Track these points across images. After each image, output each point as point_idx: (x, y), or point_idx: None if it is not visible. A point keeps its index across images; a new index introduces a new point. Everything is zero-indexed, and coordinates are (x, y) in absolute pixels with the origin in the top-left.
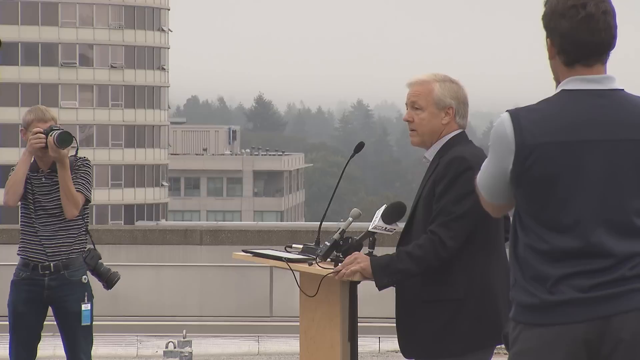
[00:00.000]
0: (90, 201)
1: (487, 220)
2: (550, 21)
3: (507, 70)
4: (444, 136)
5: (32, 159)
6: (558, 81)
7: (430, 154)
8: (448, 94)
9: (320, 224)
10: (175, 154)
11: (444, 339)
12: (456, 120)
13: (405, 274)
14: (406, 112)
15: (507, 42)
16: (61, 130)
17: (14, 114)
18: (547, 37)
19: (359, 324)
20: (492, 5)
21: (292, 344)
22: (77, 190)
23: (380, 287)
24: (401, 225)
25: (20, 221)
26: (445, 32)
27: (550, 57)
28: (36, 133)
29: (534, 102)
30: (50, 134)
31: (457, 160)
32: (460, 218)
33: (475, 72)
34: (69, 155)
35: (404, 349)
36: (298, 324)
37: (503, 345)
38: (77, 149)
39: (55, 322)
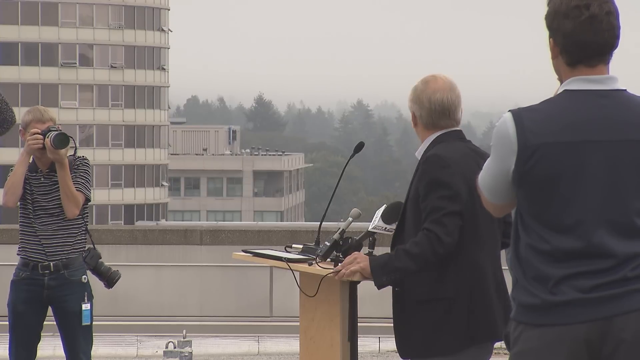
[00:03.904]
0: (90, 200)
1: (475, 217)
2: (553, 21)
3: (507, 70)
4: (428, 137)
5: (31, 159)
6: (561, 81)
7: (419, 154)
8: (410, 98)
9: (320, 224)
10: (175, 154)
11: (437, 337)
12: (423, 123)
13: (403, 272)
14: None
15: (508, 42)
16: (58, 132)
17: None
18: (550, 37)
19: (359, 324)
20: (493, 5)
21: (292, 344)
22: (77, 190)
23: (379, 285)
24: None
25: (20, 221)
26: (445, 32)
27: (553, 57)
28: (34, 134)
29: (534, 102)
30: (47, 135)
31: (432, 158)
32: (452, 213)
33: (475, 72)
34: (67, 155)
35: (400, 349)
36: (298, 324)
37: (504, 346)
38: (76, 149)
39: (55, 322)
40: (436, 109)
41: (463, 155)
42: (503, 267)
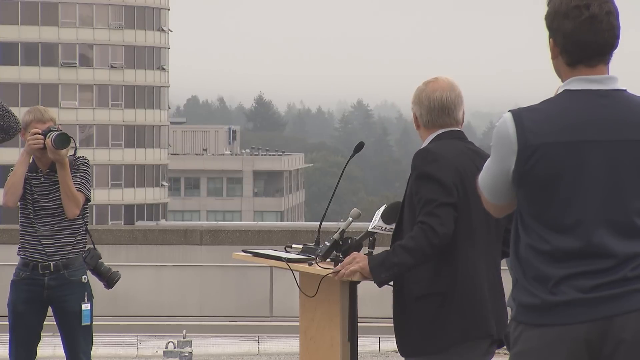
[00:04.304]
0: (90, 200)
1: (469, 213)
2: (553, 21)
3: (507, 70)
4: (427, 137)
5: (31, 159)
6: (562, 81)
7: None
8: (412, 100)
9: (320, 224)
10: (175, 154)
11: (431, 334)
12: (423, 122)
13: (401, 267)
14: None
15: (508, 42)
16: (59, 132)
17: None
18: (550, 37)
19: (359, 324)
20: (494, 5)
21: (292, 344)
22: (77, 190)
23: (379, 283)
24: None
25: (20, 221)
26: (445, 32)
27: (553, 57)
28: (34, 134)
29: (534, 102)
30: (48, 135)
31: (421, 153)
32: (444, 204)
33: (476, 72)
34: (67, 155)
35: (399, 347)
36: (298, 324)
37: (504, 346)
38: (76, 149)
39: (55, 322)
40: (435, 107)
41: (458, 153)
42: (503, 267)
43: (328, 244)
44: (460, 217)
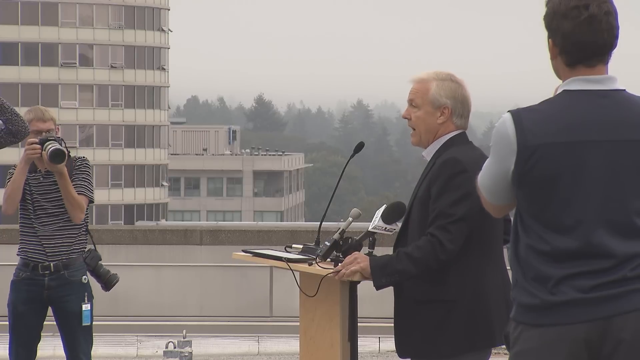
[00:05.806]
0: (93, 201)
1: (483, 222)
2: (552, 22)
3: (507, 70)
4: (442, 136)
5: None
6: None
7: (428, 153)
8: (444, 93)
9: (320, 224)
10: (175, 154)
11: (435, 339)
12: (453, 120)
13: (403, 275)
14: (405, 109)
15: (508, 42)
16: (53, 147)
17: None
18: (549, 37)
19: (359, 324)
20: (494, 5)
21: (292, 344)
22: (80, 193)
23: (378, 287)
24: (400, 225)
25: (20, 221)
26: (444, 32)
27: (552, 58)
28: (31, 144)
29: (534, 102)
30: (45, 147)
31: (450, 161)
32: (459, 221)
33: (475, 72)
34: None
35: (398, 348)
36: (298, 324)
37: (504, 346)
38: (70, 151)
39: (55, 322)
40: (469, 111)
41: (478, 159)
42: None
43: (328, 244)
44: (476, 227)
